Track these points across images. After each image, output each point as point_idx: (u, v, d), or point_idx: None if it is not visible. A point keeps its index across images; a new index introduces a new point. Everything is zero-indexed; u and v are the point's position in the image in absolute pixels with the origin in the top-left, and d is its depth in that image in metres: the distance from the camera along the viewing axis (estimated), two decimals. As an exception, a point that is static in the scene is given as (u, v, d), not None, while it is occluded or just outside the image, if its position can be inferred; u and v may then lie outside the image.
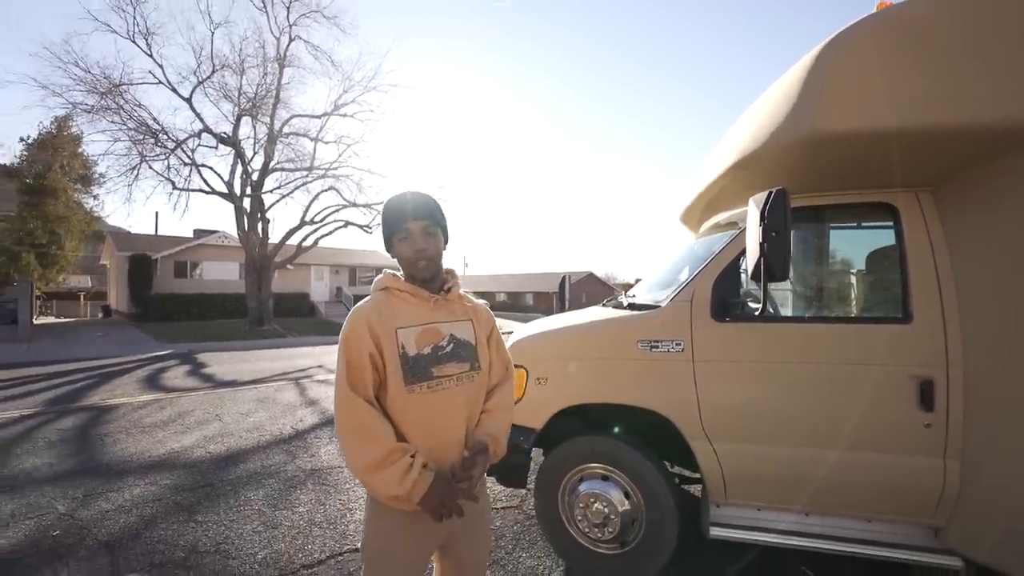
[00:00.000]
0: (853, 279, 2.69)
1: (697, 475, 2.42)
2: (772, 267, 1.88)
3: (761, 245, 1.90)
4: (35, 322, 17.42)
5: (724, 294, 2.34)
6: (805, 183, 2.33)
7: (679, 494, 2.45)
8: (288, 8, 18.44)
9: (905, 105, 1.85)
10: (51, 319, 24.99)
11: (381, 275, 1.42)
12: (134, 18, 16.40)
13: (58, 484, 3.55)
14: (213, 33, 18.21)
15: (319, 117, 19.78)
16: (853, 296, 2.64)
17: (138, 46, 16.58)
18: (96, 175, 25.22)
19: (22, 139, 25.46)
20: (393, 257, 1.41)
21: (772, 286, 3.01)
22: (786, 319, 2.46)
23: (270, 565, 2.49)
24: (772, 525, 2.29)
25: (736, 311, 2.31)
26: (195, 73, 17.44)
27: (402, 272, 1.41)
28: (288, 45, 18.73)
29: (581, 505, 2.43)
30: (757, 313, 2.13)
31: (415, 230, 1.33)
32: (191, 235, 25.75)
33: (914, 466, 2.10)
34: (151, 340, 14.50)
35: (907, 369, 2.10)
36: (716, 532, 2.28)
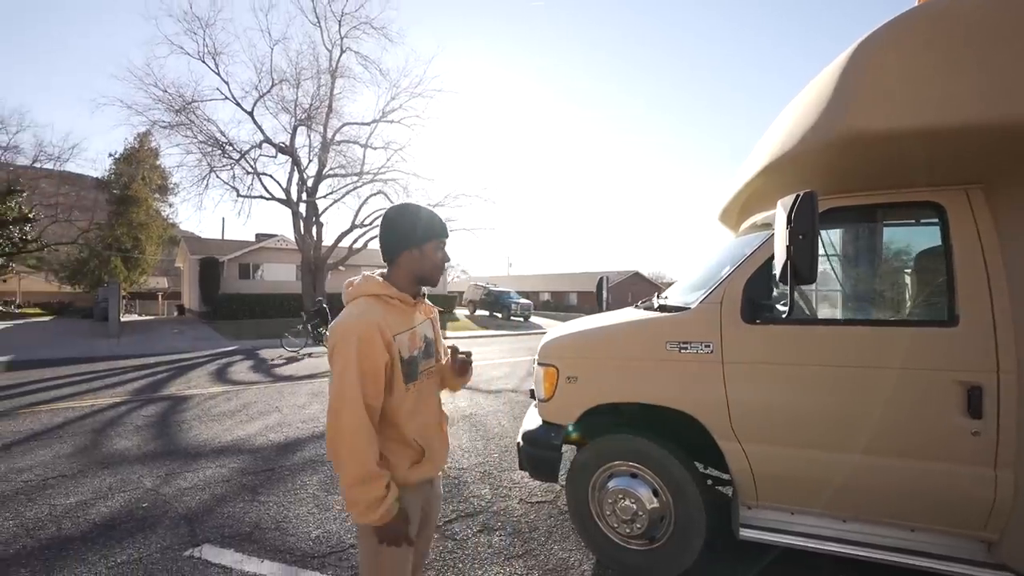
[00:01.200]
0: (894, 280, 2.59)
1: (728, 476, 2.43)
2: (799, 269, 1.88)
3: (788, 247, 1.90)
4: (122, 319, 19.31)
5: (755, 296, 2.34)
6: (841, 183, 2.29)
7: (709, 494, 2.47)
8: (340, 21, 19.37)
9: (953, 101, 1.80)
10: (135, 317, 27.54)
11: (364, 280, 1.43)
12: (204, 40, 17.83)
13: (144, 463, 4.02)
14: (272, 49, 19.51)
15: (368, 124, 20.64)
16: (894, 298, 2.54)
17: (207, 65, 17.99)
18: (172, 185, 27.61)
19: (111, 154, 28.27)
20: (404, 254, 1.44)
21: (808, 287, 2.98)
22: (821, 321, 2.42)
23: (322, 543, 2.73)
24: (807, 529, 2.27)
25: (767, 313, 2.30)
26: (256, 88, 18.69)
27: (379, 277, 1.45)
28: (340, 57, 19.67)
29: (610, 501, 2.50)
30: (784, 315, 2.12)
31: (445, 244, 1.50)
32: (253, 239, 27.59)
33: (961, 475, 2.02)
34: (219, 337, 15.70)
35: (952, 374, 2.02)
36: (746, 533, 2.29)
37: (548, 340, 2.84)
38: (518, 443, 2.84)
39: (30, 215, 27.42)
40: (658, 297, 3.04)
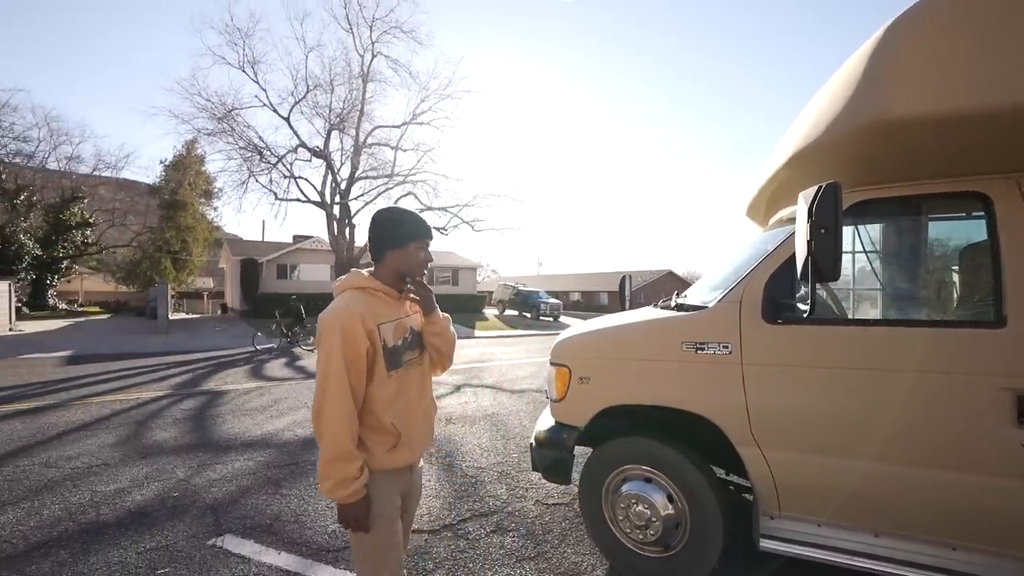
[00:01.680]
0: (933, 277, 2.41)
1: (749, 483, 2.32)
2: (820, 266, 1.77)
3: (809, 243, 1.79)
4: (170, 318, 20.42)
5: (777, 294, 2.21)
6: (872, 174, 2.14)
7: (728, 501, 2.36)
8: (371, 27, 19.85)
9: (997, 81, 1.64)
10: (182, 315, 29.08)
11: (351, 275, 1.56)
12: (243, 50, 18.64)
13: (179, 455, 4.21)
14: (307, 57, 20.16)
15: (399, 127, 21.06)
16: (933, 296, 2.36)
17: (247, 74, 18.82)
18: (216, 190, 28.98)
19: (161, 161, 29.93)
20: (388, 253, 1.54)
21: (839, 286, 2.81)
22: (850, 322, 2.27)
23: (337, 537, 2.78)
24: (834, 543, 2.13)
25: (790, 313, 2.18)
26: (292, 94, 19.41)
27: (367, 272, 1.56)
28: (371, 61, 20.15)
29: (623, 506, 2.43)
30: (805, 315, 2.00)
31: (427, 245, 1.60)
32: (291, 240, 28.60)
33: (1009, 490, 1.85)
34: (258, 334, 16.34)
35: (998, 380, 1.85)
36: (767, 544, 2.17)
37: (561, 339, 2.79)
38: (531, 443, 2.81)
39: (90, 220, 29.43)
40: (677, 296, 2.94)
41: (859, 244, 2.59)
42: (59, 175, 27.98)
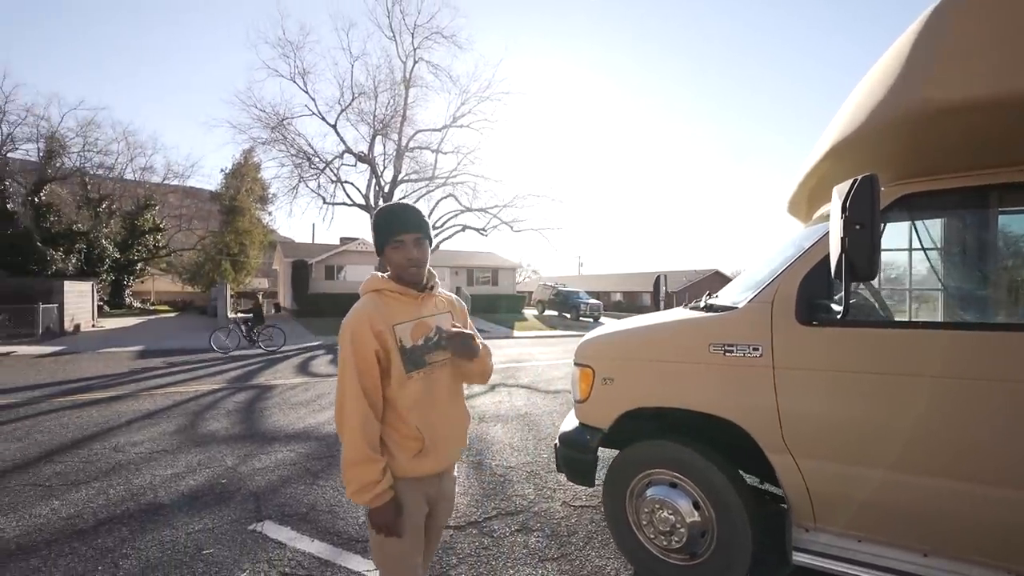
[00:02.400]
0: (991, 276, 2.19)
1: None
2: (855, 264, 1.66)
3: (842, 239, 1.69)
4: (229, 316, 21.81)
5: (812, 294, 2.09)
6: (918, 165, 1.99)
7: (758, 510, 2.25)
8: (412, 33, 20.34)
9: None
10: (240, 314, 30.90)
11: (368, 278, 1.55)
12: (294, 62, 19.59)
13: (229, 444, 4.50)
14: (352, 66, 20.92)
15: (439, 130, 21.45)
16: (992, 297, 2.16)
17: (297, 85, 19.74)
18: (271, 195, 30.62)
19: (222, 170, 31.93)
20: (382, 260, 1.55)
21: (889, 284, 2.62)
22: (894, 324, 2.11)
23: (367, 529, 2.87)
24: (877, 561, 1.99)
25: (825, 314, 2.05)
26: (339, 102, 20.19)
27: (387, 273, 1.56)
28: (413, 67, 20.65)
29: (647, 510, 2.37)
30: (840, 316, 1.87)
31: (408, 241, 1.48)
32: (337, 242, 29.81)
33: (1081, 512, 1.66)
34: (307, 332, 17.16)
35: (1068, 389, 1.67)
36: (800, 558, 2.06)
37: (585, 339, 2.76)
38: (555, 444, 2.79)
39: (161, 225, 31.89)
40: (709, 296, 2.83)
41: (908, 241, 2.41)
42: (134, 184, 30.45)
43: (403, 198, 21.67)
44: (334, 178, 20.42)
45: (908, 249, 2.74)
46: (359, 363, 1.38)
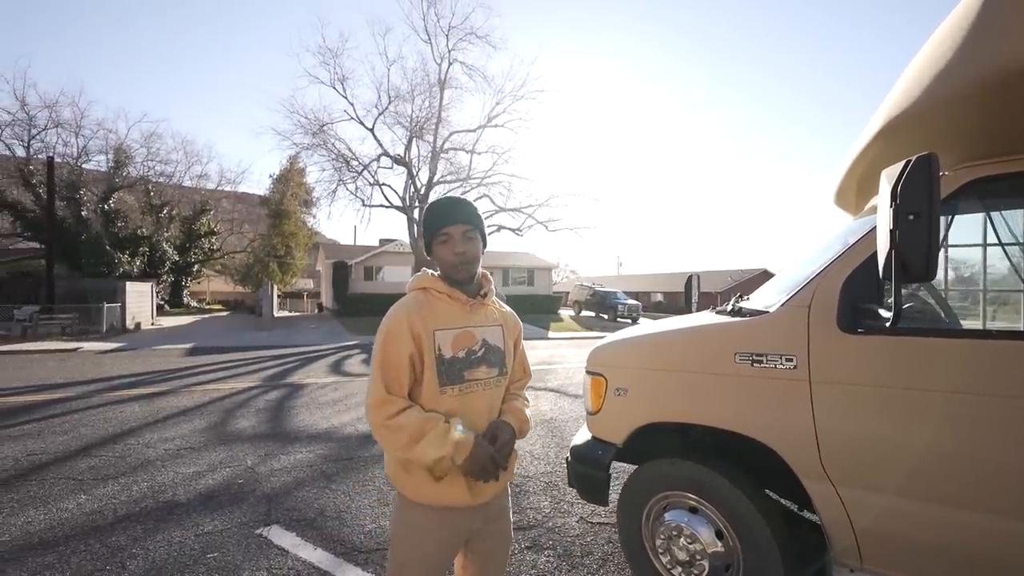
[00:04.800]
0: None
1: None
2: (908, 262, 1.38)
3: (892, 232, 1.41)
4: (275, 315, 22.77)
5: (858, 297, 1.80)
6: (992, 144, 1.66)
7: (795, 542, 1.97)
8: (447, 35, 20.52)
9: None
10: (285, 313, 32.29)
11: (420, 274, 1.43)
12: (334, 68, 20.20)
13: (252, 443, 4.56)
14: (389, 70, 21.37)
15: (474, 131, 21.53)
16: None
17: (337, 91, 20.37)
18: (314, 199, 31.79)
19: (270, 175, 33.45)
20: (430, 258, 1.43)
21: (960, 285, 2.27)
22: (959, 333, 1.79)
23: (372, 538, 2.78)
24: (938, 612, 1.68)
25: (873, 320, 1.75)
26: (376, 106, 20.67)
27: (439, 272, 1.44)
28: (448, 69, 20.82)
29: (663, 537, 2.13)
30: (888, 323, 1.58)
31: (455, 234, 1.34)
32: (377, 244, 30.53)
33: None
34: (345, 332, 17.62)
35: None
36: (843, 604, 1.77)
37: (598, 346, 2.54)
38: (566, 458, 2.59)
39: (215, 229, 33.80)
40: (739, 299, 2.55)
41: (984, 234, 2.06)
42: (191, 191, 32.47)
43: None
44: (372, 180, 20.90)
45: (982, 245, 2.37)
46: (389, 361, 1.26)
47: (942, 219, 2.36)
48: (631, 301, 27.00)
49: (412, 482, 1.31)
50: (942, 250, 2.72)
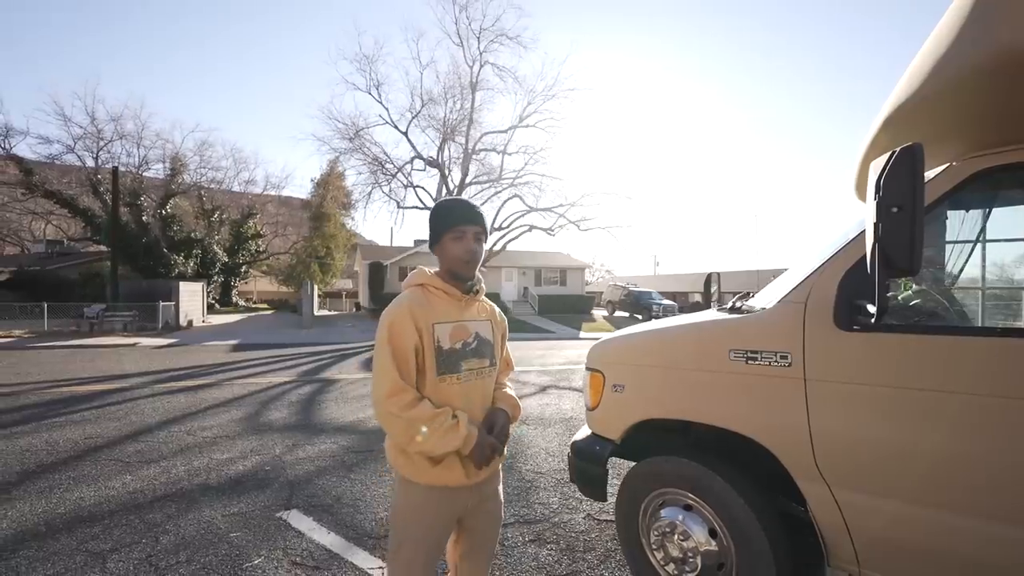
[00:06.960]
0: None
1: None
2: (890, 255, 1.34)
3: (875, 225, 1.37)
4: (316, 314, 23.74)
5: (855, 294, 1.74)
6: (1000, 133, 1.58)
7: (788, 544, 1.92)
8: (479, 37, 20.76)
9: None
10: (325, 312, 33.54)
11: (416, 271, 1.53)
12: (370, 75, 20.83)
13: (282, 433, 4.82)
14: (422, 74, 21.83)
15: (505, 132, 21.68)
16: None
17: (372, 96, 21.00)
18: (353, 202, 32.87)
19: (312, 180, 34.86)
20: (434, 250, 1.52)
21: (966, 281, 2.17)
22: (960, 330, 1.71)
23: (383, 525, 2.90)
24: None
25: (869, 317, 1.69)
26: (409, 110, 21.16)
27: (435, 269, 1.53)
28: (479, 71, 21.06)
29: (658, 533, 2.13)
30: (873, 320, 1.52)
31: (470, 233, 1.44)
32: (411, 244, 31.21)
33: None
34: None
35: None
36: (838, 609, 1.72)
37: (596, 343, 2.56)
38: (568, 453, 2.62)
39: (261, 232, 35.56)
40: (742, 297, 2.50)
41: (987, 228, 1.95)
42: (239, 195, 34.34)
43: (471, 199, 22.18)
44: (406, 183, 21.42)
45: (984, 240, 2.23)
46: (396, 351, 1.32)
47: (954, 213, 2.24)
48: (666, 301, 26.43)
49: (411, 464, 1.41)
50: (978, 246, 2.58)
